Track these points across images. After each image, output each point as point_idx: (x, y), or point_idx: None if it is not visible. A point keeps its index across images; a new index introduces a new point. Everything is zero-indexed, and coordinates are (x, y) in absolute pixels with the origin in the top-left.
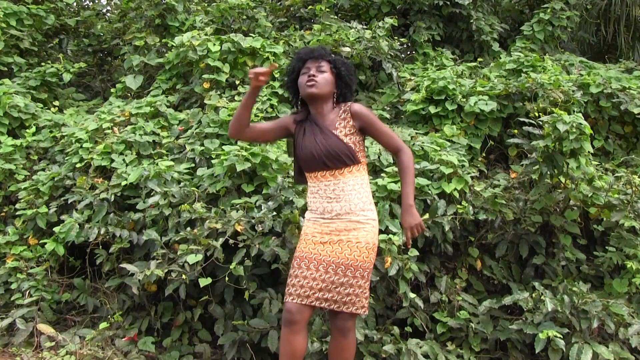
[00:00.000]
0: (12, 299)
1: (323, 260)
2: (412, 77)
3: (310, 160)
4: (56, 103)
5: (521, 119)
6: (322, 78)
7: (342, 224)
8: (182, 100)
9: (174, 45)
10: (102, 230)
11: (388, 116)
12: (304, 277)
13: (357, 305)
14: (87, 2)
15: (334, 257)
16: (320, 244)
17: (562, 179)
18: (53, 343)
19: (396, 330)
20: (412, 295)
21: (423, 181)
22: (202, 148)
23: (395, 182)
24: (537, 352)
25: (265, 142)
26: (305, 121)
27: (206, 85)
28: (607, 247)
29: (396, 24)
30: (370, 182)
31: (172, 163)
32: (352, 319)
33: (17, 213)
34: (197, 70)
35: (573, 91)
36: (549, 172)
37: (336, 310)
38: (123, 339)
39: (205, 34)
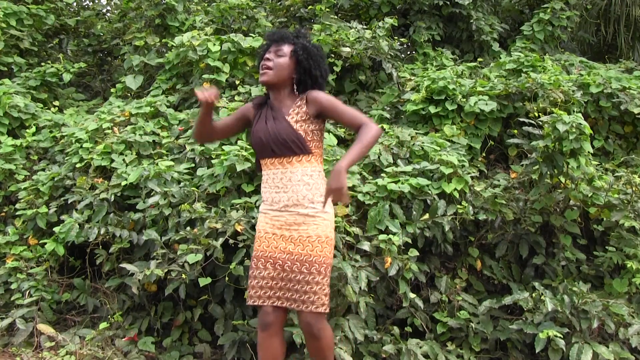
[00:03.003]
0: (12, 299)
1: (278, 258)
2: (412, 77)
3: (259, 146)
4: (56, 103)
5: (521, 119)
6: (277, 63)
7: (291, 217)
8: (182, 100)
9: (174, 45)
10: (102, 230)
11: (388, 116)
12: (262, 277)
13: (317, 304)
14: (87, 2)
15: (288, 253)
16: (274, 240)
17: (562, 179)
18: (53, 343)
19: (396, 330)
20: (412, 295)
21: (423, 181)
22: (202, 148)
23: (395, 182)
24: (537, 352)
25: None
26: (264, 105)
27: (206, 85)
28: (607, 247)
29: (396, 24)
30: (370, 182)
31: (172, 163)
32: (320, 319)
33: (17, 213)
34: (197, 70)
35: (573, 91)
36: (549, 172)
37: (298, 310)
38: (123, 339)
39: (205, 34)
